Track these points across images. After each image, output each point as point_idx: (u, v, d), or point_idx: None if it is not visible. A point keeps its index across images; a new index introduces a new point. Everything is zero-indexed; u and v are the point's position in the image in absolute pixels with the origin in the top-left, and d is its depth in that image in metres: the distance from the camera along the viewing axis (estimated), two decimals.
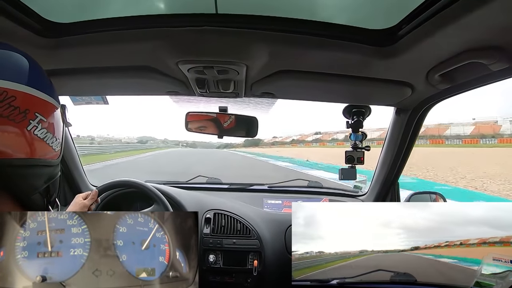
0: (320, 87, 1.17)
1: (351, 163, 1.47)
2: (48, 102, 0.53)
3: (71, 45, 0.92)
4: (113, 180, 1.43)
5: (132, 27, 0.86)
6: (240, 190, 2.01)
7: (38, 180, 0.53)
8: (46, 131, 0.52)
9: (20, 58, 0.52)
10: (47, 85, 0.55)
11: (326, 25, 0.85)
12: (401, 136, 1.46)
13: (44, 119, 0.51)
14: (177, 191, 1.62)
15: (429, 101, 1.25)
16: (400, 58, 0.89)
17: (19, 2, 0.75)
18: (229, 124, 1.44)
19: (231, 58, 0.94)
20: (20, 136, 0.48)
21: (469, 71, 0.93)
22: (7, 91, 0.46)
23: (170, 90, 1.24)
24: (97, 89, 1.33)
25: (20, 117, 0.47)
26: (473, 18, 0.66)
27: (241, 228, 1.53)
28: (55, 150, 0.56)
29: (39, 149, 0.51)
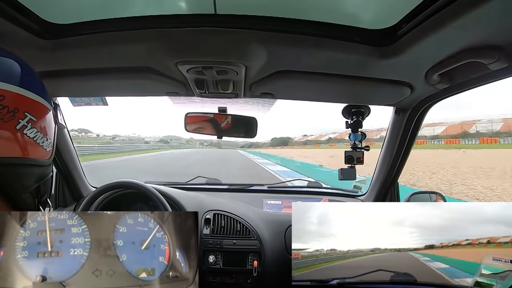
0: (319, 87, 1.17)
1: (351, 163, 1.47)
2: (38, 102, 0.53)
3: (70, 46, 0.92)
4: (112, 181, 1.43)
5: (131, 28, 0.87)
6: (239, 191, 2.01)
7: (28, 179, 0.53)
8: (37, 131, 0.52)
9: (9, 60, 0.52)
10: (38, 86, 0.55)
11: (325, 25, 0.85)
12: (401, 136, 1.46)
13: (34, 118, 0.51)
14: (177, 192, 1.62)
15: (428, 100, 1.25)
16: (399, 58, 0.89)
17: (18, 3, 0.75)
18: (226, 124, 1.45)
19: (230, 58, 0.94)
20: (9, 134, 0.48)
21: (468, 71, 0.93)
22: None
23: (169, 91, 1.25)
24: (96, 90, 1.33)
25: (8, 116, 0.47)
26: (472, 18, 0.66)
27: (241, 229, 1.53)
28: (46, 150, 0.55)
29: (29, 149, 0.51)
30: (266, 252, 1.48)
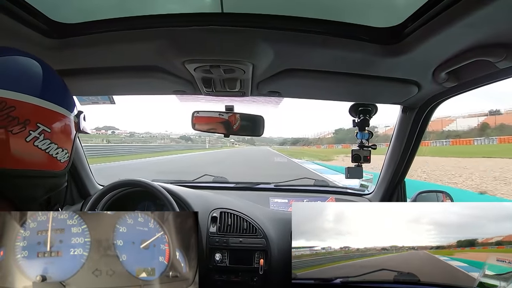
0: (326, 85, 1.17)
1: (358, 161, 1.46)
2: (55, 111, 0.52)
3: (77, 46, 0.92)
4: (119, 179, 1.44)
5: (138, 27, 0.87)
6: (246, 189, 2.00)
7: (37, 190, 0.52)
8: (50, 142, 0.50)
9: (26, 66, 0.50)
10: (56, 94, 0.53)
11: (332, 23, 0.85)
12: (408, 134, 1.45)
13: (47, 129, 0.50)
14: (184, 190, 1.63)
15: (436, 99, 1.24)
16: (406, 56, 0.88)
17: (26, 3, 0.76)
18: (237, 126, 1.45)
19: (238, 57, 0.94)
20: (18, 147, 0.47)
21: (476, 69, 0.92)
22: (6, 101, 0.45)
23: (176, 90, 1.25)
24: (104, 89, 1.35)
25: (18, 128, 0.46)
26: (480, 16, 0.65)
27: (247, 227, 1.52)
28: (60, 161, 0.54)
29: (40, 161, 0.50)
30: (272, 250, 1.48)
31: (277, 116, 29.27)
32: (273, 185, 2.02)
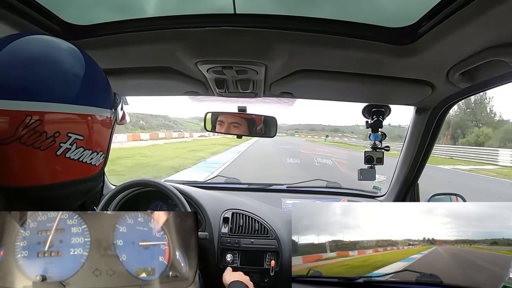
0: (339, 86, 1.16)
1: (371, 163, 1.45)
2: (88, 115, 0.46)
3: (90, 47, 0.94)
4: (131, 179, 1.47)
5: (151, 28, 0.88)
6: (258, 190, 2.00)
7: (71, 199, 0.50)
8: (83, 150, 0.47)
9: (54, 63, 0.44)
10: (91, 95, 0.47)
11: (345, 23, 0.84)
12: (422, 135, 1.43)
13: (80, 137, 0.45)
14: (196, 190, 1.64)
15: (450, 100, 1.21)
16: (420, 57, 0.86)
17: (38, 5, 0.78)
18: (251, 127, 1.48)
19: (250, 58, 0.94)
20: (46, 163, 0.43)
21: (490, 69, 0.90)
22: (31, 114, 0.40)
23: (189, 91, 1.27)
24: (116, 90, 1.36)
25: (47, 143, 0.42)
26: (496, 15, 0.63)
27: (259, 228, 1.52)
28: (95, 165, 0.51)
29: (73, 171, 0.47)
30: (284, 251, 1.46)
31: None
32: (286, 186, 2.01)
